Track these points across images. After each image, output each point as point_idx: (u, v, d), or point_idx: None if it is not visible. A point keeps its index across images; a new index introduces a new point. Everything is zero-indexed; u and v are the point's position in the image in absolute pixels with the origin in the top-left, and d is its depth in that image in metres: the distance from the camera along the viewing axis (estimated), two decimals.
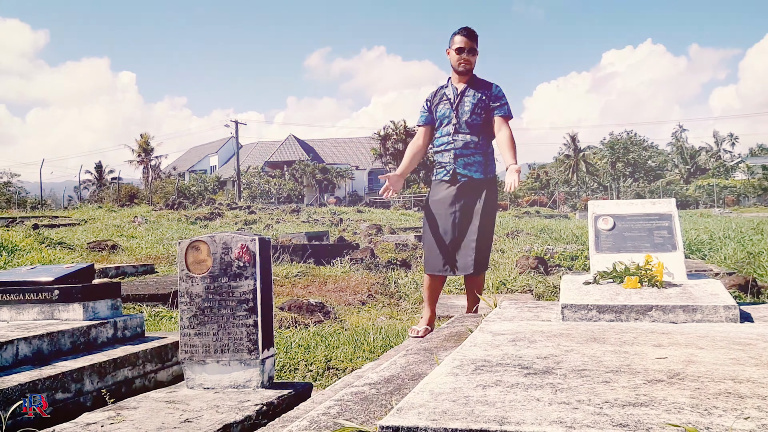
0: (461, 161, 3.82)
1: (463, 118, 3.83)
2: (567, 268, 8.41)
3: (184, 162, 63.47)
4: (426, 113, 4.00)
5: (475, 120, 3.83)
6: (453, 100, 3.87)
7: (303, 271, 8.08)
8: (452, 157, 3.83)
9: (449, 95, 3.90)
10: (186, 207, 24.76)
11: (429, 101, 4.00)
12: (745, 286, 5.87)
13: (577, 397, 1.39)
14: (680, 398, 1.38)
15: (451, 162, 3.83)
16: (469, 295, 4.01)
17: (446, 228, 3.80)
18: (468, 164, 3.83)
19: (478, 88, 3.88)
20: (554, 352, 1.89)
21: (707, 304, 2.46)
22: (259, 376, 2.79)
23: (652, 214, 3.04)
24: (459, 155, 3.82)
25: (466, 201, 3.80)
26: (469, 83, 3.89)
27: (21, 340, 2.90)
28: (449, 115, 3.86)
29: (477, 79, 3.93)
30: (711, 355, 1.81)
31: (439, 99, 3.94)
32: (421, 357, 2.45)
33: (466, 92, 3.87)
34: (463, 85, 3.88)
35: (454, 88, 3.90)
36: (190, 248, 2.88)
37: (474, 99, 3.84)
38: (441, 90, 3.97)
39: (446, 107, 3.89)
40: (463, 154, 3.82)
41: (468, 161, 3.83)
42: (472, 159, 3.83)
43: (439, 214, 3.82)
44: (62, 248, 10.48)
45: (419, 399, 1.41)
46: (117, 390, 3.05)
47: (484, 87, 3.90)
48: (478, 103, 3.84)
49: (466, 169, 3.82)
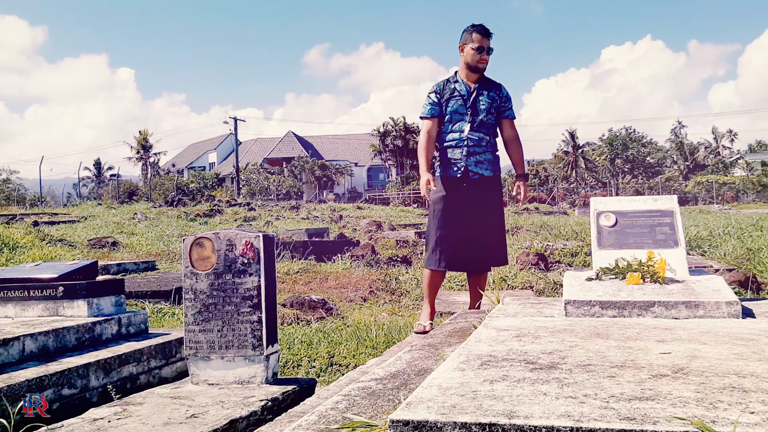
0: (473, 159, 3.84)
1: (480, 116, 3.84)
2: (567, 264, 8.43)
3: (183, 159, 63.42)
4: (436, 106, 3.91)
5: (489, 119, 3.88)
6: (467, 97, 3.86)
7: (304, 267, 8.10)
8: (465, 154, 3.83)
9: (461, 91, 3.87)
10: (185, 204, 24.77)
11: (438, 94, 3.92)
12: (745, 282, 5.89)
13: (584, 392, 1.41)
14: (685, 392, 1.39)
15: (464, 159, 3.83)
16: (472, 292, 4.04)
17: (459, 224, 3.80)
18: (479, 162, 3.86)
19: (490, 87, 3.92)
20: (559, 347, 1.91)
21: (709, 300, 2.47)
22: (263, 372, 2.80)
23: (654, 211, 3.05)
24: (472, 153, 3.84)
25: (479, 198, 3.84)
26: (481, 82, 3.91)
27: (27, 337, 2.91)
28: (463, 111, 3.85)
29: (487, 78, 3.95)
30: (714, 351, 1.83)
31: (449, 94, 3.89)
32: (426, 353, 2.46)
33: (480, 91, 3.88)
34: (475, 83, 3.89)
35: (467, 85, 3.88)
36: (195, 245, 2.89)
37: (489, 99, 3.87)
38: (450, 84, 3.92)
39: (458, 103, 3.86)
40: (476, 152, 3.85)
41: (479, 159, 3.86)
42: (483, 157, 3.87)
43: (450, 209, 3.80)
44: (63, 245, 10.49)
45: (428, 393, 1.42)
46: (122, 386, 3.07)
47: (495, 87, 3.94)
48: (492, 103, 3.88)
49: (477, 167, 3.85)
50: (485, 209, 3.86)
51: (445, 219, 3.81)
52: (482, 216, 3.84)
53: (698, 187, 46.51)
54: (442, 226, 3.81)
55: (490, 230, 3.88)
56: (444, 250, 3.81)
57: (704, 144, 62.81)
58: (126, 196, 35.24)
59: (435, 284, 3.97)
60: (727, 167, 56.17)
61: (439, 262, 3.83)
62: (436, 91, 3.94)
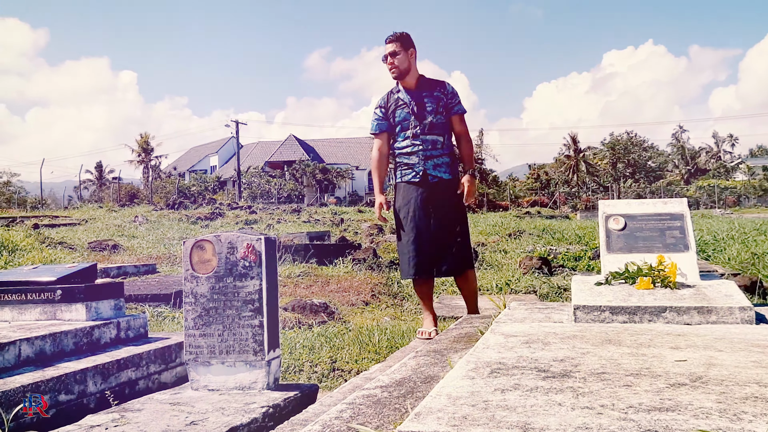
0: (431, 162, 3.79)
1: (429, 118, 3.79)
2: (570, 268, 8.37)
3: (185, 162, 63.39)
4: (382, 120, 3.89)
5: (439, 119, 3.83)
6: (409, 103, 3.81)
7: (305, 271, 8.03)
8: (422, 159, 3.79)
9: (405, 99, 3.84)
10: (186, 207, 24.70)
11: (382, 108, 3.90)
12: (751, 287, 5.83)
13: (600, 402, 1.35)
14: (706, 403, 1.33)
15: (421, 163, 3.79)
16: (463, 295, 4.00)
17: (424, 229, 3.74)
18: (437, 165, 3.81)
19: (432, 88, 3.86)
20: (570, 354, 1.85)
21: (722, 305, 2.41)
22: (264, 377, 2.74)
23: (664, 214, 2.99)
24: (429, 156, 3.79)
25: (440, 202, 3.78)
26: (421, 84, 3.87)
27: (23, 341, 2.85)
28: (411, 117, 3.80)
29: (426, 79, 3.90)
30: (731, 358, 1.77)
31: (394, 104, 3.87)
32: (432, 359, 2.40)
33: (423, 93, 3.83)
34: (415, 87, 3.85)
35: (408, 92, 3.85)
36: (195, 248, 2.83)
37: (434, 99, 3.82)
38: (393, 95, 3.90)
39: (405, 111, 3.82)
40: (432, 155, 3.80)
41: (437, 162, 3.81)
42: (441, 160, 3.82)
43: (413, 216, 3.76)
44: (63, 248, 10.43)
45: (437, 403, 1.36)
46: (120, 391, 3.01)
47: (438, 86, 3.88)
48: (438, 102, 3.82)
49: (436, 170, 3.80)
50: (447, 212, 3.78)
51: (411, 227, 3.76)
52: (445, 219, 3.77)
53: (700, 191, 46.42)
54: (408, 233, 3.76)
55: (453, 233, 3.79)
56: (414, 258, 3.74)
57: (705, 148, 62.76)
58: (127, 199, 35.18)
59: (424, 292, 3.90)
60: (729, 172, 56.10)
61: (412, 271, 3.76)
62: (381, 105, 3.92)
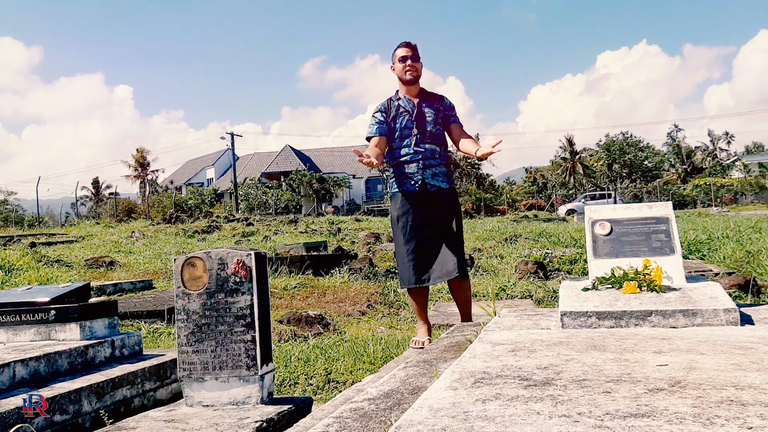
0: (429, 172, 3.85)
1: (429, 128, 3.86)
2: (566, 272, 8.39)
3: (181, 175, 63.43)
4: (382, 124, 3.89)
5: (438, 130, 3.91)
6: (412, 112, 3.87)
7: (301, 282, 8.05)
8: (420, 168, 3.83)
9: (406, 107, 3.89)
10: (183, 220, 24.71)
11: (383, 113, 3.92)
12: (745, 285, 5.85)
13: (578, 409, 1.37)
14: (682, 407, 1.36)
15: (419, 172, 3.83)
16: (457, 303, 4.03)
17: (423, 238, 3.79)
18: (435, 174, 3.87)
19: (432, 100, 3.96)
20: (554, 361, 1.87)
21: (707, 307, 2.44)
22: (258, 392, 2.76)
23: (649, 218, 3.03)
24: (427, 165, 3.85)
25: (439, 210, 3.84)
26: (422, 95, 3.95)
27: (18, 362, 2.87)
28: (412, 125, 3.86)
29: (427, 92, 3.99)
30: (712, 361, 1.80)
31: (395, 111, 3.91)
32: (421, 369, 2.43)
33: (424, 104, 3.91)
34: (416, 96, 3.92)
35: (409, 100, 3.91)
36: (186, 264, 2.86)
37: (434, 110, 3.90)
38: (394, 102, 3.94)
39: (406, 118, 3.88)
40: (431, 164, 3.86)
41: (435, 171, 3.87)
42: (439, 170, 3.88)
43: (412, 225, 3.81)
44: (60, 266, 10.44)
45: (418, 416, 1.39)
46: (116, 410, 3.03)
47: (437, 99, 3.98)
48: (437, 114, 3.91)
49: (434, 179, 3.86)
50: (445, 221, 3.84)
51: (409, 235, 3.80)
52: (442, 228, 3.82)
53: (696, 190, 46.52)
54: (407, 242, 3.81)
55: (450, 242, 3.82)
56: (413, 266, 3.78)
57: (701, 147, 62.93)
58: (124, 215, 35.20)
59: (419, 301, 3.94)
60: (725, 169, 56.24)
61: (411, 280, 3.80)
62: (381, 110, 3.95)
